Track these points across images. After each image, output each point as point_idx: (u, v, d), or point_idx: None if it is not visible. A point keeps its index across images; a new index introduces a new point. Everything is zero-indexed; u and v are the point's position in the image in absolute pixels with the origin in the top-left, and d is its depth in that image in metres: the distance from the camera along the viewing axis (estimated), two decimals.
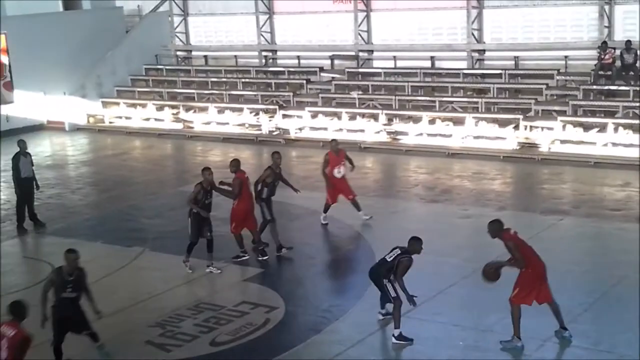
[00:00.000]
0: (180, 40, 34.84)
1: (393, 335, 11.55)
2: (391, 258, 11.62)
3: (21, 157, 18.07)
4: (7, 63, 28.07)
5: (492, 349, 11.17)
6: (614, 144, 21.58)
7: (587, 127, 22.38)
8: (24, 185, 18.03)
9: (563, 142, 22.37)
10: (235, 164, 15.34)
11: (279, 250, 15.51)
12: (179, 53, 34.93)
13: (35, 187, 18.30)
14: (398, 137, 24.99)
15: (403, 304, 11.57)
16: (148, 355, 11.68)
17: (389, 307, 11.95)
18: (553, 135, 22.59)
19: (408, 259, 11.53)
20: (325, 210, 17.28)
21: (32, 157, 18.62)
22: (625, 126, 21.76)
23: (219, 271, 14.77)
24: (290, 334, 12.14)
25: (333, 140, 18.00)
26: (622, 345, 11.09)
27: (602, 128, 22.00)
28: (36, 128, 30.81)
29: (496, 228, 11.21)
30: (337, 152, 17.27)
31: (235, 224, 15.30)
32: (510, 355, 11.06)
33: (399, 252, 11.61)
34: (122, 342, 12.18)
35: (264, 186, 15.47)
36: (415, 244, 11.65)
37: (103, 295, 13.94)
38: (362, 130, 25.53)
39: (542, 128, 22.98)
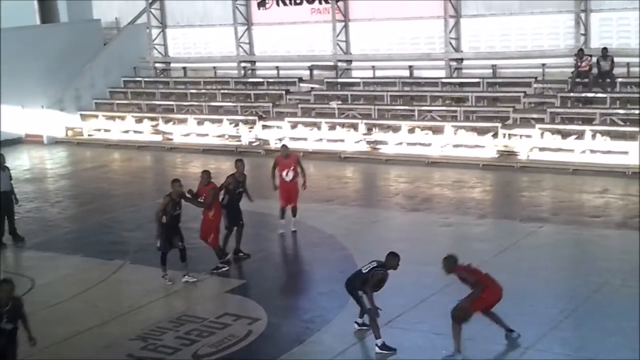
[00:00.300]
0: (159, 52, 34.77)
1: (377, 345, 11.56)
2: (366, 270, 11.70)
3: (0, 172, 17.94)
4: None
5: (475, 357, 11.18)
6: (592, 151, 21.73)
7: (565, 135, 22.53)
8: (2, 199, 17.88)
9: (541, 149, 22.50)
10: (207, 175, 15.44)
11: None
12: (157, 65, 34.85)
13: (14, 201, 18.15)
14: (378, 146, 25.04)
15: (380, 316, 11.61)
16: None
17: (367, 318, 11.96)
18: (531, 143, 22.71)
19: (383, 272, 11.59)
20: (282, 216, 17.36)
21: (11, 171, 18.45)
22: (603, 133, 21.93)
23: (195, 279, 14.77)
24: (273, 346, 12.09)
25: (283, 145, 18.29)
26: (604, 352, 11.13)
27: (580, 135, 22.15)
28: (14, 142, 30.61)
29: (450, 263, 11.38)
30: (286, 157, 17.42)
31: (213, 235, 15.30)
32: None
33: (375, 265, 11.67)
34: (103, 355, 12.10)
35: (225, 193, 15.59)
36: (393, 259, 11.72)
37: (84, 309, 13.97)
38: (342, 140, 25.57)
39: (521, 136, 23.10)
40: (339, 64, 30.08)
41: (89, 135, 31.17)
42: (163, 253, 14.77)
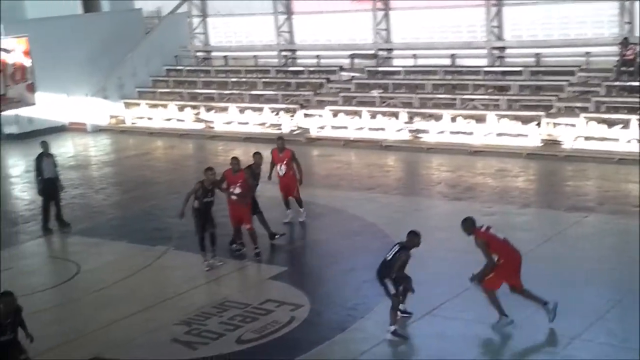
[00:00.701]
0: (200, 41, 34.94)
1: (389, 331, 11.62)
2: (390, 257, 11.82)
3: (44, 158, 18.18)
4: (29, 65, 28.26)
5: (520, 347, 11.12)
6: (638, 140, 21.38)
7: (610, 124, 22.20)
8: (48, 186, 18.15)
9: (586, 138, 22.21)
10: (237, 162, 15.68)
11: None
12: (198, 54, 35.04)
13: (59, 187, 18.39)
14: (419, 135, 24.92)
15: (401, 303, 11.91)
16: (174, 354, 11.71)
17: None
18: (576, 132, 22.43)
19: (405, 254, 11.72)
20: (286, 206, 17.46)
21: (56, 158, 18.70)
22: None
23: (221, 263, 15.00)
24: (315, 332, 12.12)
25: (279, 138, 18.04)
26: None
27: (626, 124, 21.82)
28: (58, 129, 31.00)
29: (469, 225, 11.78)
30: (281, 150, 17.35)
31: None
32: (538, 351, 10.99)
33: (398, 248, 11.82)
34: (147, 340, 12.21)
35: None
36: (414, 238, 11.84)
37: (128, 294, 14.12)
38: (383, 129, 25.47)
39: (565, 125, 22.84)
40: (380, 52, 29.97)
41: (132, 123, 31.43)
42: (200, 238, 14.95)
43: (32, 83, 28.76)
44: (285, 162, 17.17)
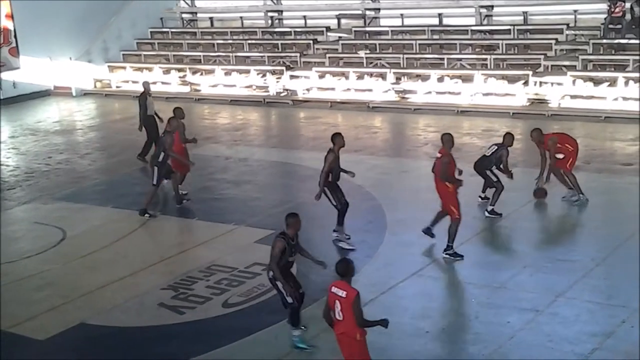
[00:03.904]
0: (186, 2, 34.56)
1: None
2: (490, 153, 14.62)
3: (148, 97, 19.98)
4: (12, 29, 27.91)
5: (505, 306, 11.15)
6: (625, 98, 21.35)
7: (597, 82, 22.15)
8: (148, 122, 19.76)
9: (573, 97, 22.17)
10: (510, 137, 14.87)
11: None
12: (184, 15, 34.68)
13: (159, 120, 19.69)
14: (406, 95, 24.82)
15: (504, 188, 14.57)
16: (161, 318, 11.71)
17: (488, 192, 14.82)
18: (563, 91, 22.39)
19: (506, 151, 14.51)
20: None
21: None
22: (636, 80, 21.48)
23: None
24: None
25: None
26: (636, 300, 11.00)
27: (613, 82, 21.77)
28: (43, 94, 30.73)
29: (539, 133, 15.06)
30: None
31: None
32: (523, 309, 11.02)
33: (496, 147, 14.60)
34: (134, 305, 12.19)
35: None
36: (509, 137, 14.71)
37: (115, 259, 14.09)
38: (370, 90, 25.35)
39: (552, 83, 22.77)
40: (367, 12, 29.71)
41: (117, 86, 31.19)
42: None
43: (16, 46, 28.47)
44: None
